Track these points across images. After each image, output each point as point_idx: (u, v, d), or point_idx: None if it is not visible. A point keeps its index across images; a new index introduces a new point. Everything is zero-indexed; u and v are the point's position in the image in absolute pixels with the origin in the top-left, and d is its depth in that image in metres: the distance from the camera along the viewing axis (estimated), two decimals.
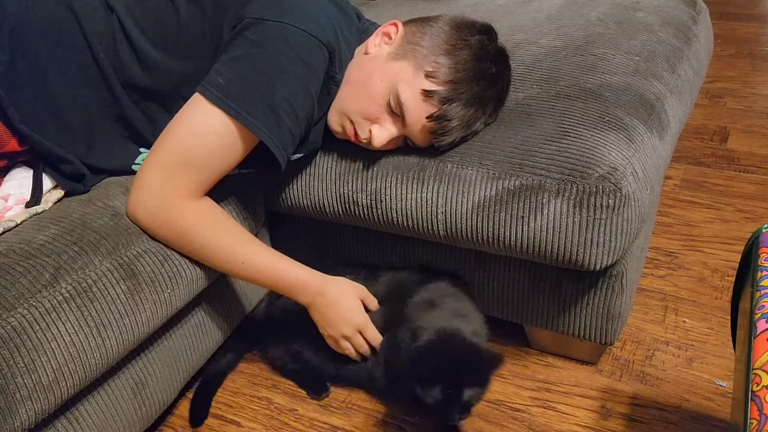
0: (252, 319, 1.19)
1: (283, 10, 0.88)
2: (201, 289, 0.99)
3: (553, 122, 0.95)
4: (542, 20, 1.29)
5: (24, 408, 0.75)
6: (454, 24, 0.96)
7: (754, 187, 1.57)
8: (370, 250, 1.17)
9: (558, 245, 0.91)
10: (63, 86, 0.93)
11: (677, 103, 1.08)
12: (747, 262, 0.75)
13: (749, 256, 0.75)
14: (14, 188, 0.93)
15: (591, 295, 1.02)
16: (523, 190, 0.91)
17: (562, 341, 1.13)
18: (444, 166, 0.96)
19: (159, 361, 0.99)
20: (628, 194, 0.87)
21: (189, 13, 0.95)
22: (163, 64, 0.95)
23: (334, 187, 1.05)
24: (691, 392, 1.06)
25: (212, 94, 0.87)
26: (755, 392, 0.57)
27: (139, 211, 0.90)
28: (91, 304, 0.81)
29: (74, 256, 0.82)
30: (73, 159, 0.95)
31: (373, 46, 0.98)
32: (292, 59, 0.88)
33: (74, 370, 0.80)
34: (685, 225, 1.46)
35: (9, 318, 0.74)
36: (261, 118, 0.88)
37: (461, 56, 0.92)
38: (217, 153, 0.90)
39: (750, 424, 0.56)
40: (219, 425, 1.10)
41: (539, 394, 1.08)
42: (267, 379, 1.18)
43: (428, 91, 0.91)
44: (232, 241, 0.94)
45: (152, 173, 0.90)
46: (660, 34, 1.18)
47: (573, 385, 1.08)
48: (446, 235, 0.98)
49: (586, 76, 1.04)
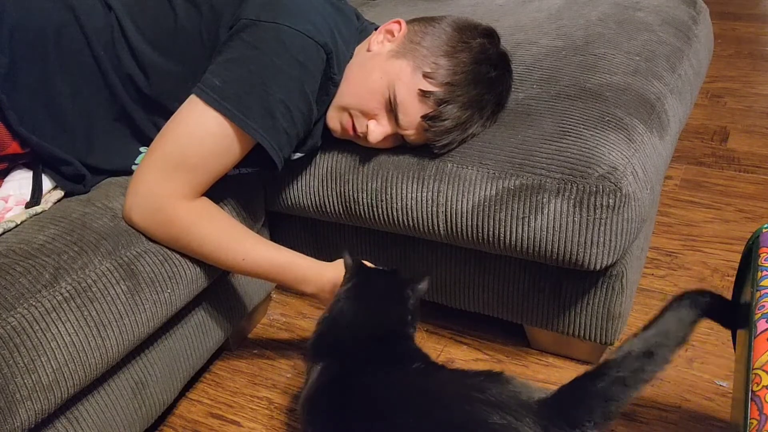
0: None
1: (278, 11, 0.88)
2: (201, 289, 0.99)
3: (553, 122, 0.95)
4: (542, 20, 1.29)
5: (24, 408, 0.75)
6: (456, 26, 0.96)
7: (754, 187, 1.57)
8: (371, 250, 1.17)
9: (558, 245, 0.91)
10: (63, 86, 0.93)
11: (677, 103, 1.08)
12: (747, 262, 0.75)
13: (749, 255, 0.75)
14: (14, 189, 0.93)
15: (591, 295, 1.01)
16: (523, 189, 0.91)
17: (562, 341, 1.13)
18: (444, 166, 0.96)
19: (159, 361, 0.98)
20: (628, 194, 0.87)
21: (186, 14, 0.95)
22: (160, 64, 0.95)
23: (334, 187, 1.05)
24: (691, 392, 1.06)
25: (208, 96, 0.87)
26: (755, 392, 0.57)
27: (135, 214, 0.89)
28: (91, 304, 0.81)
29: (74, 256, 0.82)
30: (72, 160, 0.95)
31: (376, 43, 0.98)
32: (288, 60, 0.88)
33: (74, 370, 0.80)
34: (686, 225, 1.46)
35: (9, 318, 0.74)
36: (257, 119, 0.88)
37: (461, 58, 0.92)
38: (213, 154, 0.90)
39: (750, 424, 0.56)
40: (219, 425, 1.10)
41: None
42: (267, 379, 1.18)
43: (425, 92, 0.91)
44: (231, 238, 0.94)
45: (148, 175, 0.89)
46: (660, 34, 1.18)
47: None
48: (446, 235, 0.98)
49: (586, 75, 1.04)
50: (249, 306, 1.18)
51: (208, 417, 1.12)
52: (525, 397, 0.65)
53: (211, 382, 1.19)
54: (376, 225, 1.05)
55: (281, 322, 1.32)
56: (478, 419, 0.63)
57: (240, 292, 1.15)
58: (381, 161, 1.01)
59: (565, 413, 0.63)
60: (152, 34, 0.95)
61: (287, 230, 1.26)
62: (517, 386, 0.67)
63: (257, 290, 1.20)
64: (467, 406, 0.64)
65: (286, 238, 1.26)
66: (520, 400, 0.64)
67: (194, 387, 1.18)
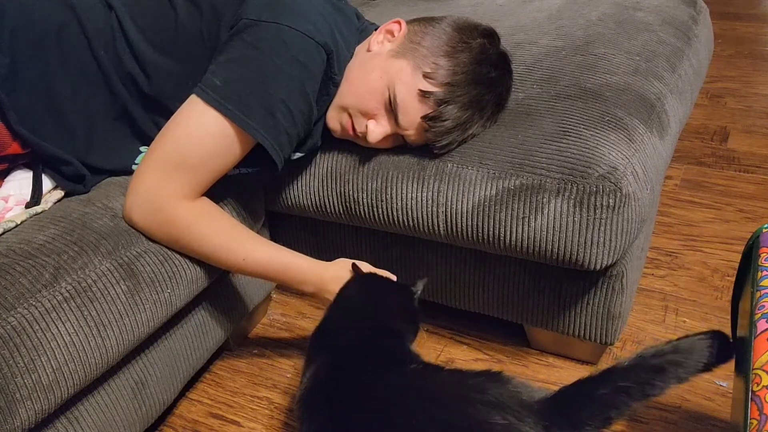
0: None
1: (279, 11, 0.88)
2: (201, 289, 0.99)
3: (553, 122, 0.95)
4: (542, 20, 1.29)
5: (24, 408, 0.75)
6: (456, 26, 0.96)
7: (755, 187, 1.57)
8: (371, 250, 1.17)
9: (558, 245, 0.91)
10: (64, 86, 0.93)
11: (677, 103, 1.08)
12: (747, 262, 0.75)
13: (749, 255, 0.75)
14: (14, 189, 0.93)
15: (591, 295, 1.01)
16: (523, 189, 0.91)
17: (562, 341, 1.13)
18: (444, 166, 0.96)
19: (159, 361, 0.98)
20: (628, 194, 0.87)
21: (186, 14, 0.95)
22: (161, 64, 0.95)
23: (334, 187, 1.05)
24: (691, 392, 1.06)
25: (208, 96, 0.87)
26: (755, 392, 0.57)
27: (135, 214, 0.89)
28: (91, 304, 0.81)
29: (74, 256, 0.82)
30: (72, 160, 0.95)
31: (376, 43, 0.98)
32: (288, 60, 0.88)
33: (74, 370, 0.80)
34: (686, 225, 1.46)
35: (9, 318, 0.74)
36: (257, 119, 0.88)
37: (461, 59, 0.92)
38: (214, 154, 0.90)
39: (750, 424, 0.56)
40: (219, 425, 1.10)
41: None
42: (267, 379, 1.18)
43: (425, 92, 0.91)
44: (231, 239, 0.94)
45: (148, 176, 0.89)
46: (660, 34, 1.18)
47: None
48: (447, 235, 0.98)
49: (586, 75, 1.04)
50: (249, 306, 1.18)
51: (208, 417, 1.12)
52: (525, 396, 0.65)
53: (211, 382, 1.19)
54: (376, 225, 1.05)
55: (281, 322, 1.32)
56: (479, 419, 0.63)
57: (240, 292, 1.15)
58: (381, 161, 1.01)
59: (567, 415, 0.63)
60: (153, 33, 0.95)
61: (287, 230, 1.26)
62: (517, 386, 0.67)
63: (257, 290, 1.20)
64: (468, 406, 0.64)
65: (286, 238, 1.26)
66: (520, 400, 0.64)
67: (194, 387, 1.18)
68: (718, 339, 0.67)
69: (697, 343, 0.67)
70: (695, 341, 0.67)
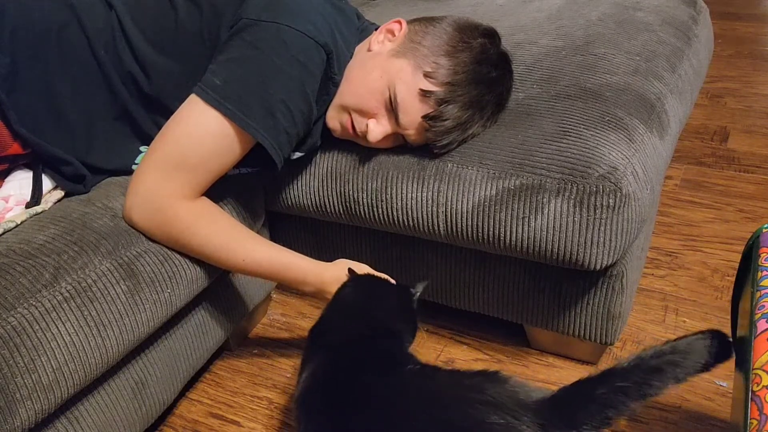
0: None
1: (279, 11, 0.88)
2: (201, 289, 0.99)
3: (553, 122, 0.95)
4: (543, 20, 1.29)
5: (24, 408, 0.75)
6: (457, 26, 0.96)
7: (755, 187, 1.57)
8: (371, 250, 1.17)
9: (558, 245, 0.91)
10: (64, 85, 0.93)
11: (677, 103, 1.08)
12: (747, 262, 0.75)
13: (749, 256, 0.75)
14: (15, 189, 0.93)
15: (591, 295, 1.01)
16: (523, 189, 0.91)
17: (562, 341, 1.13)
18: (444, 166, 0.96)
19: (159, 361, 0.98)
20: (628, 194, 0.87)
21: (187, 13, 0.95)
22: (161, 63, 0.95)
23: (334, 187, 1.05)
24: (691, 392, 1.06)
25: (208, 95, 0.87)
26: (755, 392, 0.57)
27: (135, 214, 0.89)
28: (91, 304, 0.81)
29: (74, 256, 0.82)
30: (72, 160, 0.95)
31: (376, 43, 0.98)
32: (288, 60, 0.88)
33: (74, 370, 0.80)
34: (686, 225, 1.46)
35: (9, 318, 0.74)
36: (257, 119, 0.88)
37: (461, 58, 0.92)
38: (213, 154, 0.90)
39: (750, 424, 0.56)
40: (219, 425, 1.10)
41: None
42: (267, 379, 1.18)
43: (425, 91, 0.91)
44: (231, 239, 0.94)
45: (148, 175, 0.89)
46: (660, 34, 1.18)
47: None
48: (447, 235, 0.98)
49: (586, 75, 1.04)
50: (249, 306, 1.18)
51: (208, 417, 1.12)
52: (523, 396, 0.65)
53: (211, 382, 1.19)
54: (376, 225, 1.05)
55: (281, 322, 1.32)
56: (477, 419, 0.63)
57: (240, 292, 1.15)
58: (381, 161, 1.01)
59: (564, 414, 0.63)
60: (153, 33, 0.95)
61: (287, 230, 1.26)
62: (515, 386, 0.67)
63: (257, 290, 1.20)
64: (465, 406, 0.64)
65: (286, 238, 1.26)
66: (518, 400, 0.64)
67: (194, 387, 1.18)
68: (716, 338, 0.67)
69: (695, 343, 0.67)
70: (693, 341, 0.67)
